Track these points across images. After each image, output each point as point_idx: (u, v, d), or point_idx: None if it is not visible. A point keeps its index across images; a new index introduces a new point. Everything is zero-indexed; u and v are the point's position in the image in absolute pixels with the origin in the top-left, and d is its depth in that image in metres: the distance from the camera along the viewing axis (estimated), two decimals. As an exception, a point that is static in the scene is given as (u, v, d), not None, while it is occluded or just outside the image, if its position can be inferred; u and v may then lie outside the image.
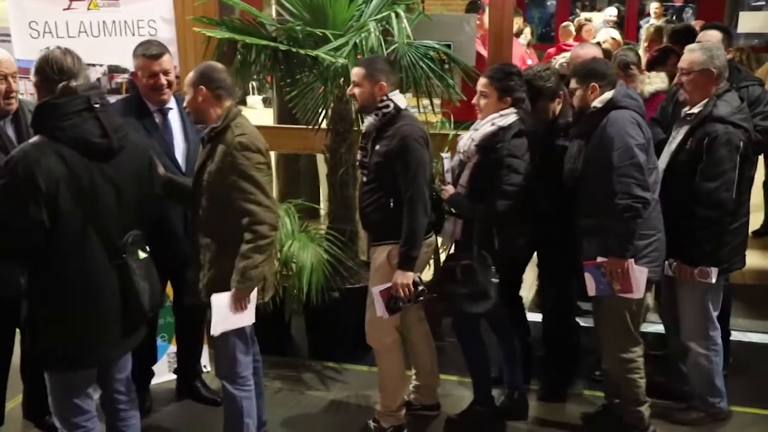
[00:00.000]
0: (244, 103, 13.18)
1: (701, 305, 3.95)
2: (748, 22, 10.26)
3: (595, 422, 4.13)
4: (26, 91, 3.97)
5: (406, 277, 3.67)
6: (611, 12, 11.71)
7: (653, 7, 11.79)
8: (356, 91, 3.74)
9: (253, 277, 3.34)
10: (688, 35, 5.47)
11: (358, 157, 3.95)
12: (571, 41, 9.03)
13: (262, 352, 4.37)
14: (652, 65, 5.16)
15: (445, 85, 4.68)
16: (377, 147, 3.72)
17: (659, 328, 4.67)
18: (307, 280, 4.51)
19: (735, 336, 4.83)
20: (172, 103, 3.98)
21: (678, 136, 3.91)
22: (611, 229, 3.60)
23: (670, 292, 4.11)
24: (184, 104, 3.52)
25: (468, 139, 3.84)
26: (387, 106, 3.70)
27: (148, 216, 3.30)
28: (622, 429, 3.95)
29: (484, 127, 3.76)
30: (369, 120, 3.80)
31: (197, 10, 4.70)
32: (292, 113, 4.88)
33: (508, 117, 3.74)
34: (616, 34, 8.11)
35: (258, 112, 12.72)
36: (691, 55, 3.87)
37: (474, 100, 3.88)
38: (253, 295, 3.41)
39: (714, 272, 3.83)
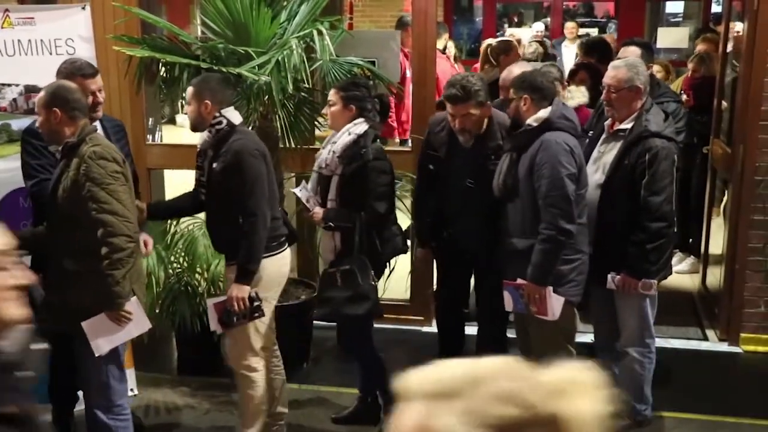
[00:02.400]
0: (173, 121, 12.98)
1: (642, 312, 4.01)
2: (666, 38, 10.64)
3: None
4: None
5: (242, 291, 3.61)
6: (538, 27, 11.89)
7: (568, 26, 11.13)
8: (188, 109, 3.73)
9: (120, 293, 3.26)
10: (601, 48, 5.67)
11: (195, 176, 3.88)
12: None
13: (191, 373, 4.34)
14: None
15: (369, 101, 4.70)
16: (214, 165, 3.66)
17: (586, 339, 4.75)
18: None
19: (658, 342, 4.95)
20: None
21: (609, 151, 3.94)
22: (533, 255, 3.64)
23: (604, 305, 4.12)
24: (37, 125, 3.43)
25: (328, 153, 3.89)
26: (220, 123, 3.65)
27: None
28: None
29: (342, 138, 3.85)
30: (203, 138, 3.76)
31: (119, 29, 4.65)
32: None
33: (361, 125, 3.86)
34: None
35: (186, 131, 12.50)
36: (617, 72, 3.92)
37: (324, 110, 4.00)
38: (134, 300, 3.34)
39: (655, 284, 3.92)
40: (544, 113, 3.69)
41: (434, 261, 4.75)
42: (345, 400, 4.51)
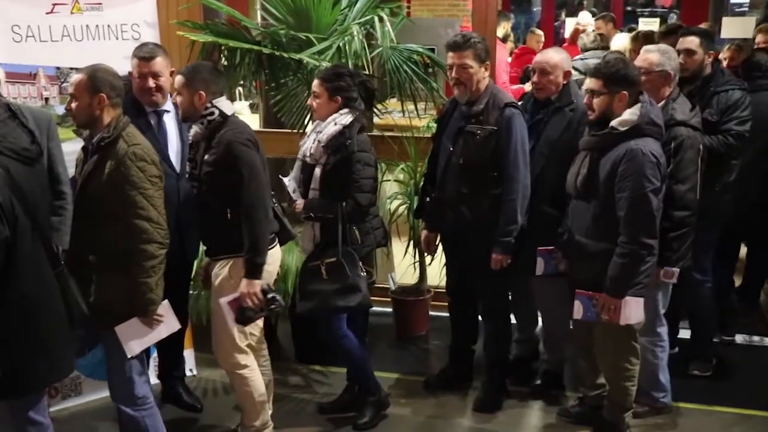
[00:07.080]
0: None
1: (654, 303, 3.92)
2: (731, 27, 10.34)
3: (576, 415, 4.19)
4: (8, 94, 3.94)
5: (254, 286, 3.55)
6: (586, 19, 11.44)
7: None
8: (178, 99, 3.65)
9: (153, 299, 3.24)
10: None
11: (187, 169, 3.86)
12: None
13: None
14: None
15: (428, 88, 4.70)
16: (206, 157, 3.59)
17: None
18: (292, 284, 4.50)
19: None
20: (169, 106, 3.98)
21: None
22: (610, 267, 3.56)
23: None
24: (68, 107, 3.31)
25: (313, 142, 3.85)
26: (212, 114, 3.58)
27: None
28: (603, 426, 4.01)
29: (327, 128, 3.80)
30: (195, 129, 3.69)
31: (181, 14, 4.71)
32: (278, 117, 4.88)
33: (347, 116, 3.81)
34: None
35: (245, 118, 12.56)
36: (649, 55, 3.90)
37: (308, 101, 3.95)
38: (165, 303, 3.32)
39: (677, 273, 3.84)
40: (631, 117, 3.53)
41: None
42: (401, 386, 4.52)
